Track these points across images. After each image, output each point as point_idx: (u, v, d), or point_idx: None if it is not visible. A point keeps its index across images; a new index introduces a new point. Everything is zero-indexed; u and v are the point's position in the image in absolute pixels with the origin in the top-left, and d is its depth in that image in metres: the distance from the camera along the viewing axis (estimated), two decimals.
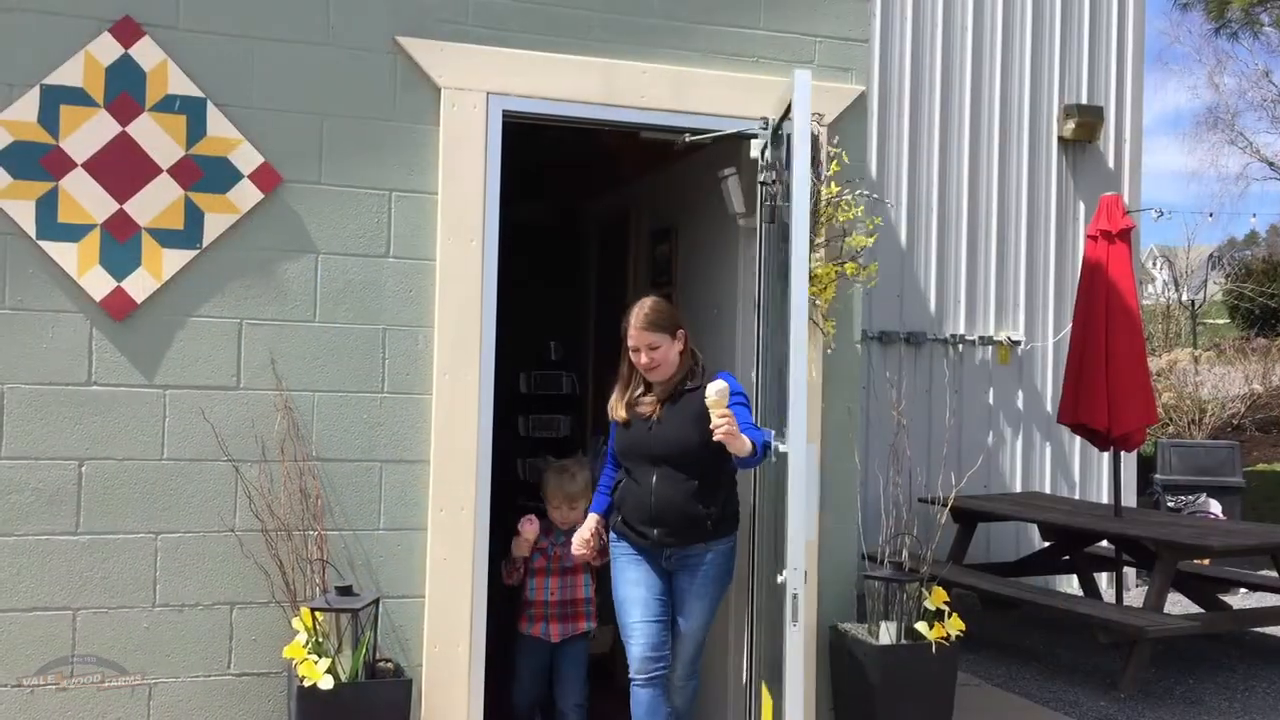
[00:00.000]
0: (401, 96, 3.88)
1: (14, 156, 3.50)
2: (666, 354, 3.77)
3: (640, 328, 3.76)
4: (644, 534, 3.76)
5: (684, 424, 3.73)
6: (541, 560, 4.23)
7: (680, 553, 3.77)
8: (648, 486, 3.76)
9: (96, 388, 3.58)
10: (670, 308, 3.90)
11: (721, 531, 3.80)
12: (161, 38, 3.64)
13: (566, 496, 4.21)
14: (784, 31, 4.29)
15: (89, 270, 3.56)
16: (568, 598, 4.24)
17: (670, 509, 3.71)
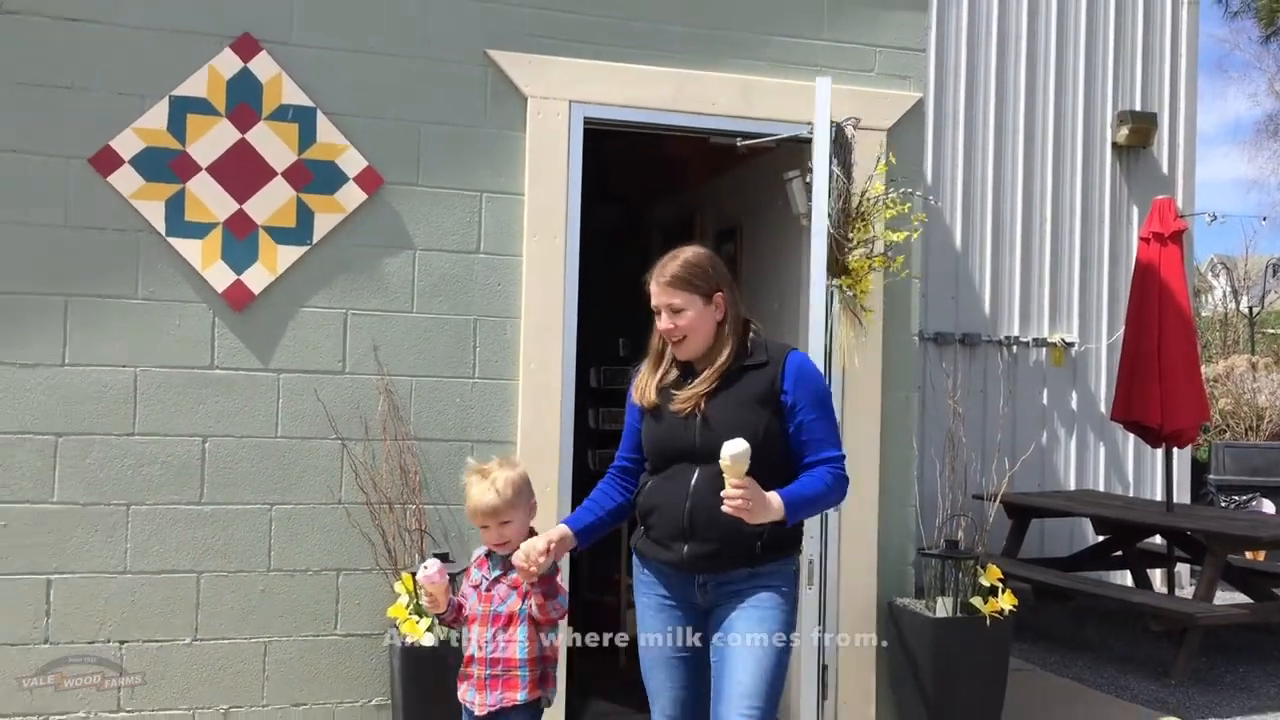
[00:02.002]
0: (491, 105, 4.21)
1: (146, 161, 3.87)
2: (695, 322, 2.82)
3: (662, 282, 2.86)
4: (671, 551, 2.83)
5: (738, 410, 2.79)
6: (476, 599, 2.96)
7: (717, 580, 2.83)
8: (684, 488, 2.81)
9: (218, 371, 3.94)
10: (711, 263, 2.90)
11: (773, 554, 2.81)
12: (277, 52, 3.99)
13: (486, 512, 2.90)
14: (846, 42, 4.57)
15: (212, 264, 3.92)
16: (497, 655, 2.89)
17: (710, 520, 2.73)
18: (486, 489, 2.89)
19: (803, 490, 2.77)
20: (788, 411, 2.83)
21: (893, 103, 4.58)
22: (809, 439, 2.82)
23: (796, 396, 2.82)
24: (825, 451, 2.83)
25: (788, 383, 2.83)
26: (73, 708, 3.76)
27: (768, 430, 2.79)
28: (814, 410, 2.84)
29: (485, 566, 2.99)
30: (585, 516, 2.99)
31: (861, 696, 4.44)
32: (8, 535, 3.73)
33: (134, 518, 3.84)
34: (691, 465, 2.82)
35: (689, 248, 2.96)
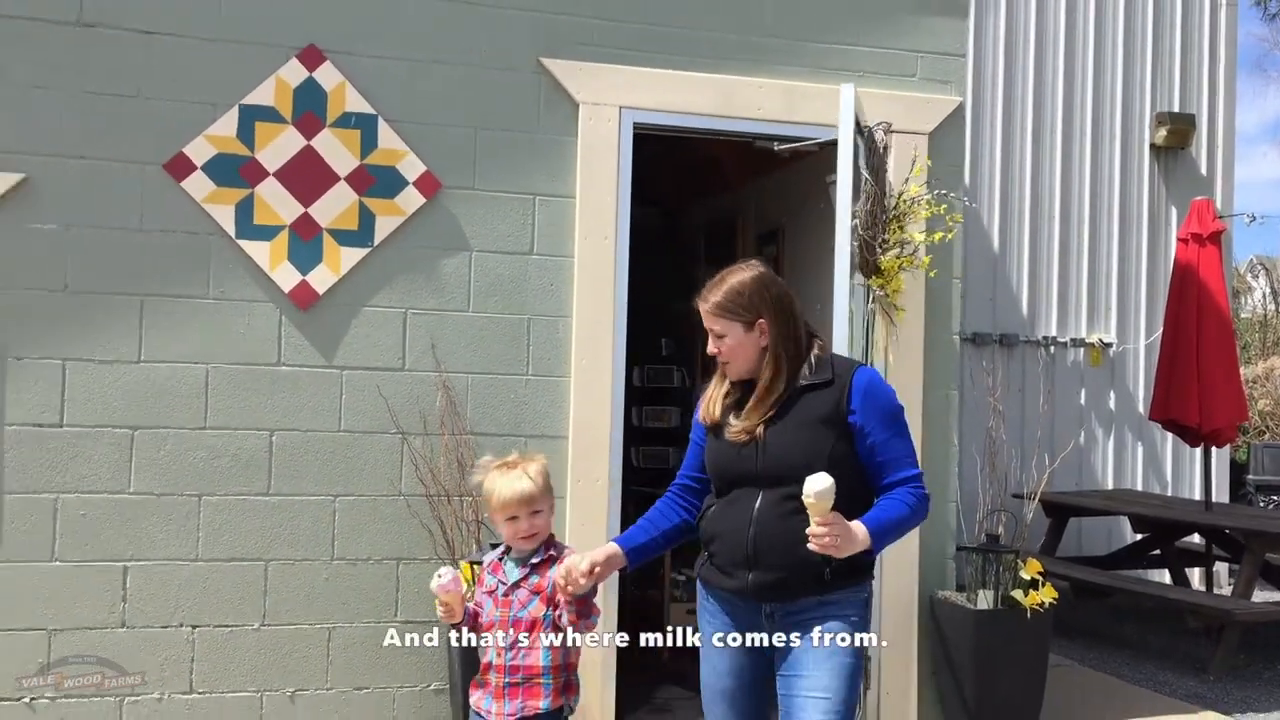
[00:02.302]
0: (544, 111, 4.36)
1: (217, 166, 4.05)
2: (736, 349, 2.77)
3: (705, 308, 2.80)
4: (735, 579, 2.72)
5: (799, 433, 2.69)
6: (492, 605, 2.87)
7: (784, 608, 2.71)
8: (747, 513, 2.70)
9: (284, 368, 4.11)
10: (754, 288, 2.77)
11: (844, 581, 2.68)
12: (340, 62, 4.16)
13: (520, 500, 2.82)
14: (888, 48, 4.68)
15: (279, 265, 4.10)
16: (517, 662, 2.80)
17: (774, 546, 2.64)
18: (518, 477, 2.82)
19: (886, 515, 2.65)
20: (857, 433, 2.69)
21: (934, 107, 4.69)
22: (884, 459, 2.69)
23: (865, 416, 2.69)
24: (903, 471, 2.70)
25: (855, 401, 2.69)
26: (146, 689, 3.94)
27: (834, 453, 2.65)
28: (886, 429, 2.70)
29: (501, 571, 2.87)
30: (638, 536, 2.87)
31: (903, 688, 4.55)
32: (87, 524, 3.91)
33: (205, 508, 4.02)
34: (754, 490, 2.70)
35: (736, 272, 2.81)
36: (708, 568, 2.81)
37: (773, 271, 2.87)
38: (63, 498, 3.90)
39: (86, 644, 3.89)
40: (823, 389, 2.71)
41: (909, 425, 2.78)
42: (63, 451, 3.90)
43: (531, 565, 2.81)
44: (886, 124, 4.50)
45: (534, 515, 2.83)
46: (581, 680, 2.91)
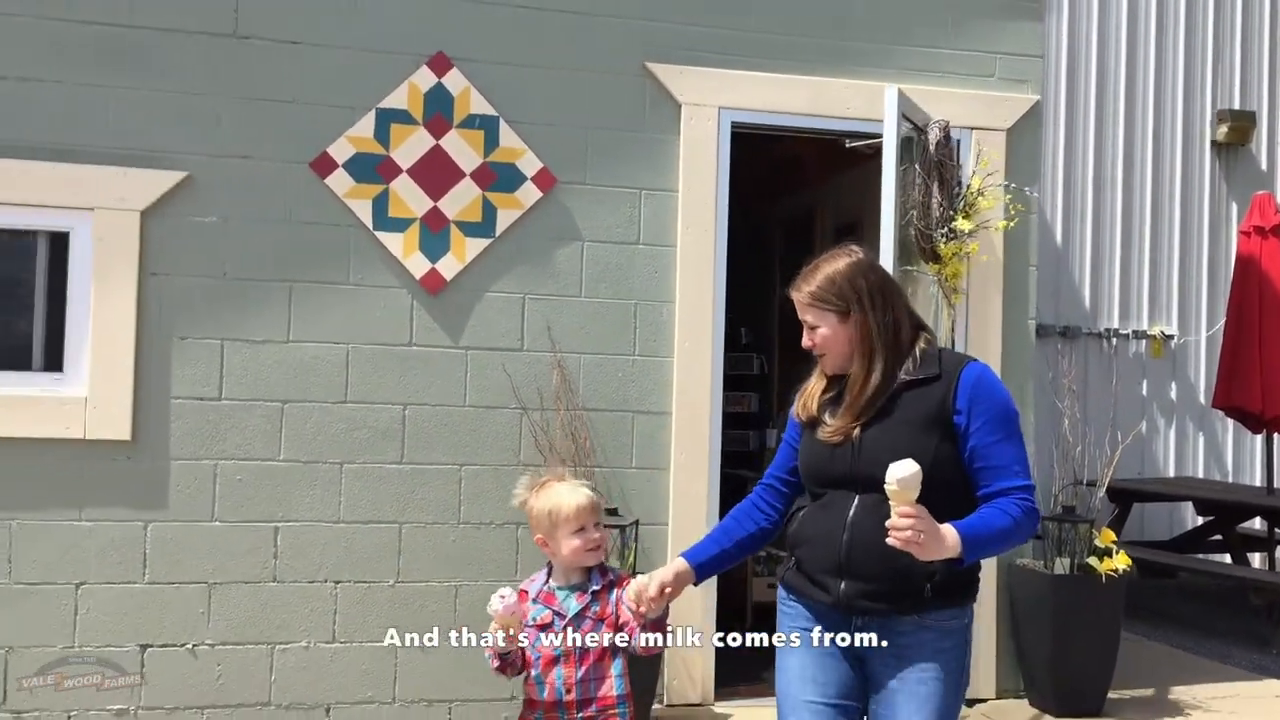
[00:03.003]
0: (649, 112, 4.72)
1: (356, 164, 4.45)
2: (830, 341, 2.59)
3: (798, 298, 2.64)
4: (825, 589, 2.51)
5: (898, 433, 2.48)
6: (548, 639, 2.73)
7: (877, 625, 2.48)
8: (841, 518, 2.50)
9: (415, 348, 4.50)
10: (849, 275, 2.59)
11: (945, 601, 2.46)
12: (465, 69, 4.55)
13: (592, 507, 2.81)
14: (968, 50, 4.99)
15: (411, 255, 4.49)
16: (588, 695, 2.71)
17: (870, 555, 2.41)
18: (576, 489, 2.78)
19: (984, 524, 2.38)
20: (962, 434, 2.45)
21: (1011, 105, 4.99)
22: (988, 465, 2.44)
23: (972, 416, 2.45)
24: (1010, 480, 2.43)
25: (961, 400, 2.46)
26: (295, 638, 4.35)
27: (938, 456, 2.42)
28: (994, 431, 2.44)
29: (555, 602, 2.74)
30: (709, 548, 2.72)
31: (983, 650, 4.85)
32: (242, 488, 4.33)
33: (346, 475, 4.42)
34: (850, 493, 2.49)
35: (832, 259, 2.63)
36: (795, 574, 2.60)
37: (874, 258, 2.68)
38: (221, 464, 4.31)
39: (242, 597, 4.30)
40: (928, 385, 2.49)
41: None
42: (221, 422, 4.32)
43: (593, 593, 2.72)
44: (944, 121, 4.78)
45: (598, 526, 2.78)
46: (681, 655, 3.12)
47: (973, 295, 4.88)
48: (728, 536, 2.74)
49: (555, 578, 2.82)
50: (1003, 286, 4.96)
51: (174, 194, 4.28)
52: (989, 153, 4.90)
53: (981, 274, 4.92)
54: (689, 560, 2.68)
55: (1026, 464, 2.50)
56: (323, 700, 4.35)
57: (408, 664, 4.44)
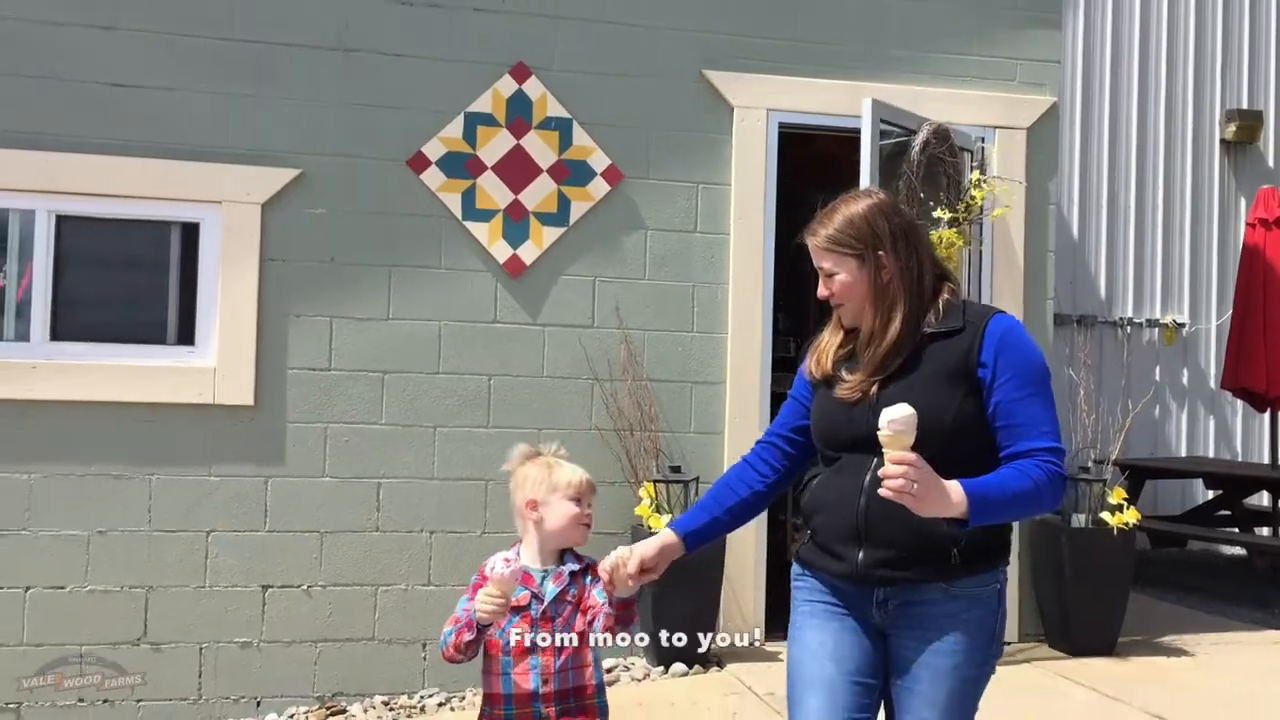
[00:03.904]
0: (705, 113, 5.27)
1: (447, 162, 5.01)
2: (850, 289, 2.36)
3: (814, 243, 2.40)
4: (843, 560, 2.33)
5: (923, 389, 2.26)
6: (522, 622, 2.50)
7: (902, 596, 2.29)
8: (858, 483, 2.30)
9: (499, 325, 5.06)
10: (872, 216, 2.36)
11: (977, 566, 2.28)
12: (543, 76, 5.11)
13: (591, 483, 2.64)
14: (992, 56, 5.53)
15: (495, 242, 5.05)
16: (567, 685, 2.50)
17: (890, 521, 2.23)
18: (576, 467, 2.63)
19: (1000, 484, 2.17)
20: (986, 389, 2.25)
21: (1031, 106, 5.53)
22: (1010, 424, 2.23)
23: (998, 369, 2.24)
24: (1035, 440, 2.22)
25: (986, 353, 2.26)
26: (395, 581, 4.91)
27: (960, 414, 2.24)
28: (1021, 387, 2.23)
29: (534, 584, 2.51)
30: (700, 516, 2.50)
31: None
32: (350, 449, 4.90)
33: (439, 437, 4.99)
34: (867, 456, 2.27)
35: (851, 200, 2.40)
36: (809, 547, 2.41)
37: (896, 200, 2.50)
38: (330, 426, 4.88)
39: (350, 545, 4.87)
40: (951, 338, 2.30)
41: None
42: (330, 390, 4.89)
43: (571, 575, 2.51)
44: (935, 124, 5.22)
45: (590, 507, 2.60)
46: (733, 589, 3.29)
47: (997, 277, 5.42)
48: (718, 503, 2.51)
49: (529, 557, 2.56)
50: (1023, 270, 5.49)
51: (289, 189, 4.85)
52: (1000, 150, 5.42)
53: (1005, 259, 5.45)
54: (677, 530, 2.45)
55: (1056, 425, 2.26)
56: (419, 637, 4.91)
57: None
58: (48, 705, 4.54)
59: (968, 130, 5.40)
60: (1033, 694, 4.65)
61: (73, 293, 4.74)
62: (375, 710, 4.75)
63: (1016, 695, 4.64)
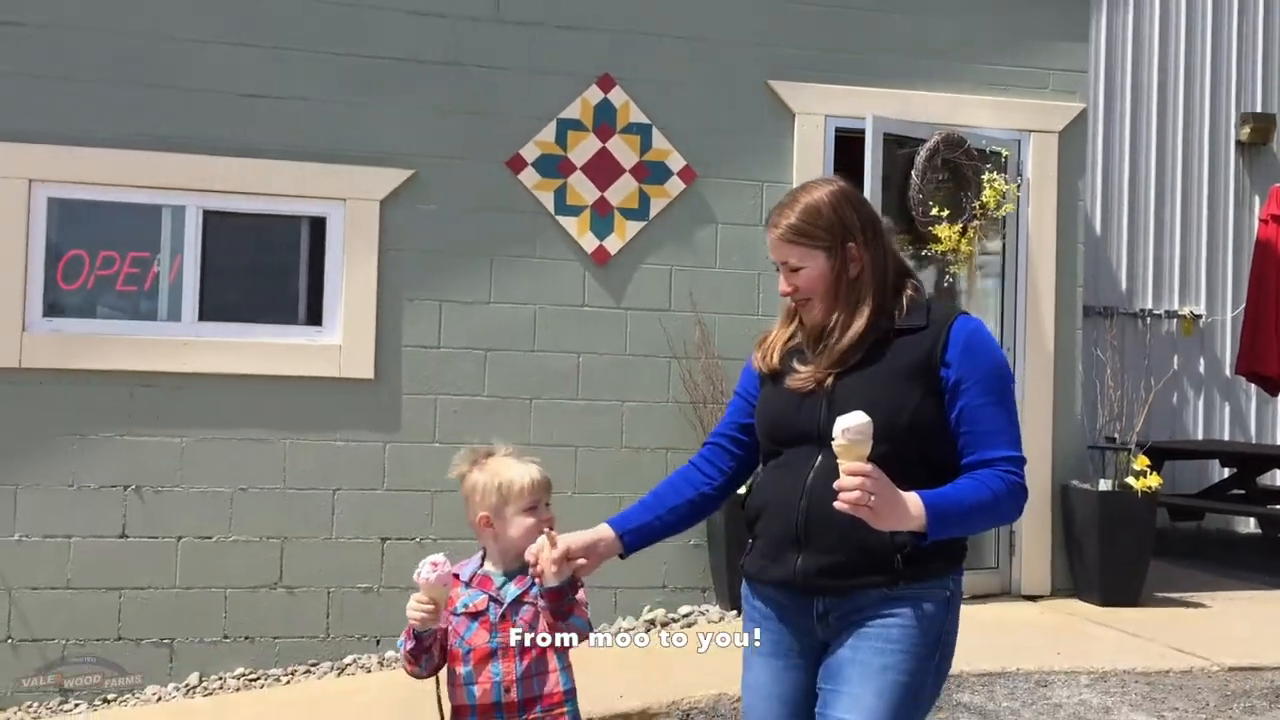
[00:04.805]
0: (769, 119, 5.87)
1: (543, 163, 5.63)
2: (816, 283, 2.24)
3: (775, 235, 2.29)
4: (781, 564, 2.20)
5: (878, 386, 2.17)
6: (480, 629, 2.39)
7: (843, 607, 2.17)
8: (799, 480, 2.19)
9: (587, 309, 5.67)
10: (837, 205, 2.24)
11: (924, 571, 2.14)
12: (626, 86, 5.72)
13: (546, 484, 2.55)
14: (1026, 67, 6.12)
15: (584, 234, 5.66)
16: (531, 694, 2.37)
17: (831, 521, 2.07)
18: (526, 463, 2.52)
19: (957, 495, 2.07)
20: (949, 391, 2.16)
21: (1062, 112, 6.11)
22: (973, 430, 2.13)
23: (962, 372, 2.15)
24: (996, 450, 2.12)
25: (951, 352, 2.17)
26: None
27: (917, 415, 2.14)
28: (984, 393, 2.14)
29: (492, 586, 2.39)
30: (641, 514, 2.35)
31: (1040, 553, 5.98)
32: (455, 417, 5.52)
33: (534, 408, 5.60)
34: (813, 450, 2.16)
35: (813, 188, 2.29)
36: (752, 556, 2.30)
37: (857, 190, 2.34)
38: (439, 398, 5.51)
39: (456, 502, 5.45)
40: (913, 335, 2.20)
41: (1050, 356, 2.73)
42: (439, 365, 5.51)
43: (533, 579, 2.31)
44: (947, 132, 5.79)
45: (548, 506, 2.48)
46: None
47: (1032, 266, 6.00)
48: (661, 503, 2.38)
49: (492, 562, 2.45)
50: (1055, 261, 6.08)
51: (404, 187, 5.47)
52: (1035, 152, 6.01)
53: (1039, 250, 6.04)
54: (615, 527, 2.31)
55: (1017, 433, 2.18)
56: None
57: None
58: (196, 642, 5.17)
59: (1004, 134, 5.98)
60: (1066, 634, 5.24)
61: (217, 279, 5.37)
62: None
63: (1052, 635, 5.24)
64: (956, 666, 4.42)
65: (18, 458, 5.06)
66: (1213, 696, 4.26)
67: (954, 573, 2.22)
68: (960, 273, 6.02)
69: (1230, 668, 4.61)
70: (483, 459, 2.60)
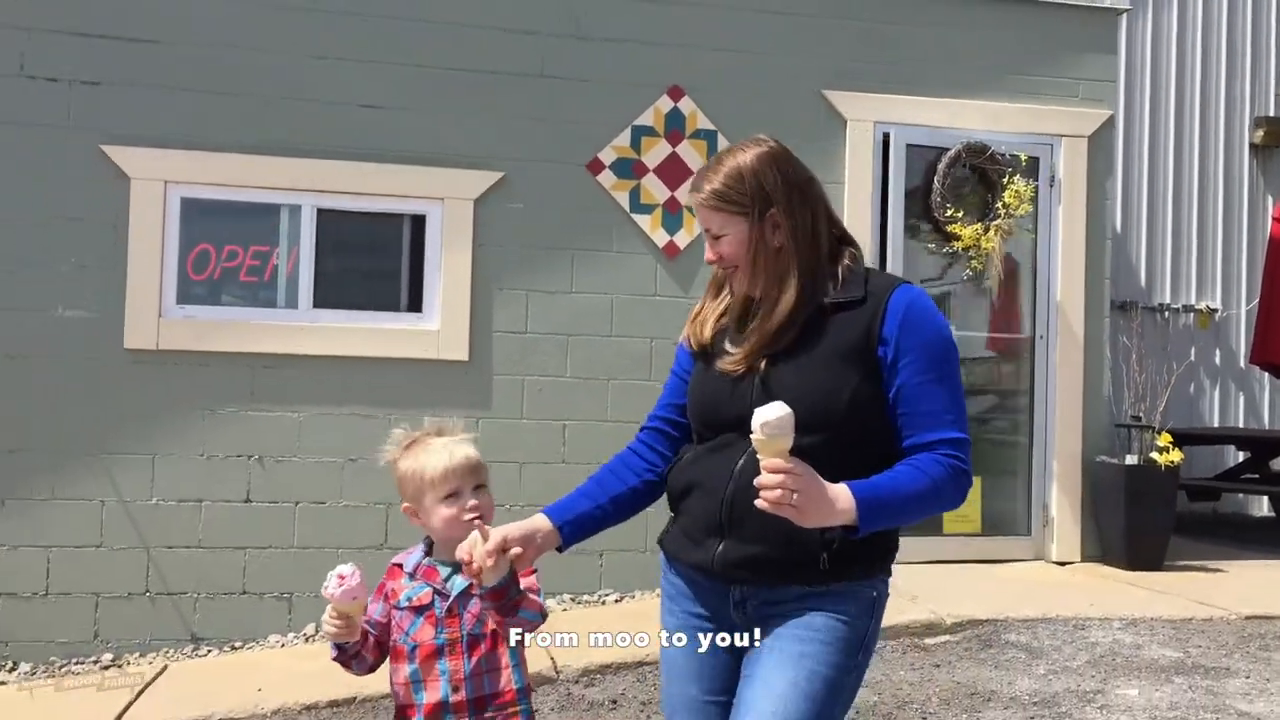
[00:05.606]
0: (823, 125, 6.43)
1: (618, 166, 6.20)
2: (738, 251, 2.11)
3: (698, 200, 2.16)
4: (702, 549, 2.10)
5: (813, 368, 2.04)
6: (426, 623, 2.26)
7: (760, 596, 2.07)
8: (728, 466, 2.08)
9: (658, 298, 6.24)
10: (759, 168, 2.12)
11: (848, 571, 2.02)
12: (693, 95, 6.28)
13: (467, 468, 2.32)
14: (1058, 77, 6.67)
15: (655, 230, 6.23)
16: (481, 692, 2.23)
17: (756, 515, 1.92)
18: (452, 445, 2.31)
19: (892, 484, 1.93)
20: (887, 370, 2.02)
21: (1092, 118, 6.67)
22: (911, 411, 2.00)
23: (900, 349, 2.01)
24: (935, 431, 1.99)
25: (888, 327, 2.02)
26: None
27: (856, 396, 2.00)
28: (925, 369, 2.00)
29: (437, 578, 2.25)
30: (579, 503, 2.22)
31: (1071, 522, 6.52)
32: (541, 396, 6.09)
33: (611, 388, 6.17)
34: (743, 437, 1.97)
35: (738, 151, 2.16)
36: (671, 534, 2.21)
37: (788, 150, 2.20)
38: (527, 378, 6.08)
39: (542, 473, 6.05)
40: (850, 310, 2.05)
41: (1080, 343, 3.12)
42: (526, 349, 6.08)
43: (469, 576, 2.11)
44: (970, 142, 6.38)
45: (478, 490, 2.28)
46: None
47: (1064, 260, 6.55)
48: (602, 490, 2.25)
49: (438, 551, 2.30)
50: (1084, 254, 6.63)
51: (494, 188, 6.05)
52: (1066, 155, 6.56)
53: (1070, 245, 6.59)
54: (552, 518, 2.16)
55: (961, 412, 2.02)
56: (598, 549, 6.08)
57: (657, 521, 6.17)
58: (312, 596, 5.74)
59: (1038, 139, 6.54)
60: (1098, 590, 5.78)
61: (329, 270, 5.95)
62: (565, 604, 5.94)
63: (1085, 591, 5.80)
64: (1001, 613, 5.05)
65: (155, 430, 5.65)
66: (1232, 638, 4.81)
67: (882, 573, 2.09)
68: (980, 267, 6.56)
69: (1247, 616, 5.15)
70: (411, 442, 2.36)
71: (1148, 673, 4.35)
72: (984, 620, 4.93)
